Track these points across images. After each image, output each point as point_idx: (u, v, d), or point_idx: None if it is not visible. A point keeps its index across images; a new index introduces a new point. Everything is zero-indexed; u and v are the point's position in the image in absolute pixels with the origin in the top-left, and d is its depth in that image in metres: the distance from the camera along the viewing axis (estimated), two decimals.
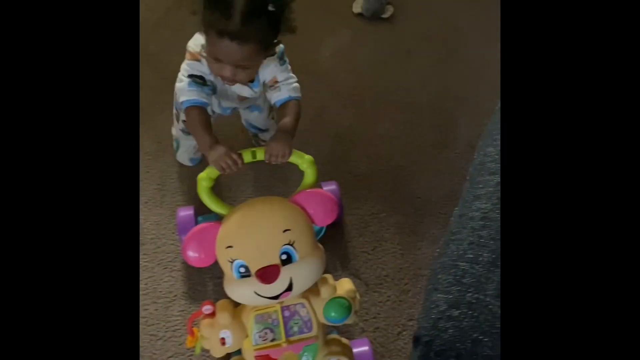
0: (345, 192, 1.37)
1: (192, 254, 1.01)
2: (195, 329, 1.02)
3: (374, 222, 1.38)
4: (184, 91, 1.09)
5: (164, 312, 1.20)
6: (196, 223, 1.24)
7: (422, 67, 1.80)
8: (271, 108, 1.34)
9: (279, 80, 1.13)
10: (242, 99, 1.21)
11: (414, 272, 1.29)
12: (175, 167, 1.45)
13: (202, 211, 1.18)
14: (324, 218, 1.04)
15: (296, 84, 1.15)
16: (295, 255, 0.99)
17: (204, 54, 1.07)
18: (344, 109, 1.64)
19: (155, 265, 1.27)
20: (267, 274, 0.97)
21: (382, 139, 1.57)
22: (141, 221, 1.35)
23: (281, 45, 1.11)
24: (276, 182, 1.42)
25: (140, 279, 1.25)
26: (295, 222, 1.01)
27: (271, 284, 0.97)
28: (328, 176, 1.36)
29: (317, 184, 1.15)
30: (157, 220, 1.35)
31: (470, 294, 0.70)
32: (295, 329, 1.02)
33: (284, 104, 1.15)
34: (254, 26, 0.96)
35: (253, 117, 1.36)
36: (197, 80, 1.09)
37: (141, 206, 1.38)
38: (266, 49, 1.05)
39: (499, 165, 0.81)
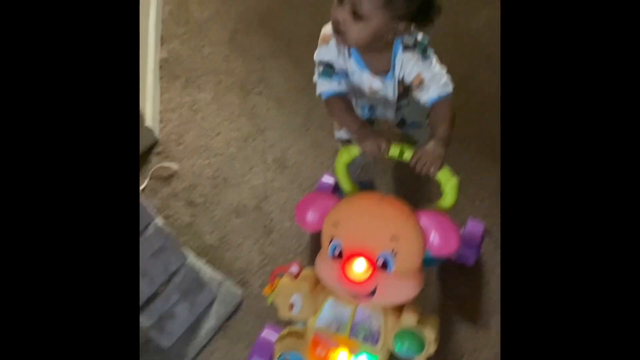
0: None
1: (302, 214, 1.01)
2: (276, 280, 1.02)
3: None
4: (317, 83, 1.06)
5: (296, 233, 1.31)
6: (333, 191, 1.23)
7: None
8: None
9: (425, 78, 1.01)
10: (373, 92, 1.10)
11: None
12: (323, 107, 1.55)
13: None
14: (438, 247, 0.95)
15: (445, 79, 1.02)
16: (392, 265, 0.93)
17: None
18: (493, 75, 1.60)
19: (295, 187, 1.42)
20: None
21: None
22: (285, 147, 1.44)
23: (425, 37, 1.01)
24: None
25: (280, 197, 1.38)
26: (407, 234, 0.93)
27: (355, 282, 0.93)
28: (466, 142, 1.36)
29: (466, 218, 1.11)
30: (300, 148, 1.47)
31: None
32: (361, 334, 0.98)
33: (435, 104, 1.03)
34: None
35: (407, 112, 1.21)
36: (326, 68, 1.04)
37: (287, 134, 1.49)
38: (393, 9, 0.93)
39: None
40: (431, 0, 0.95)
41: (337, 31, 0.96)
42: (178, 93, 1.58)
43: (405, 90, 1.10)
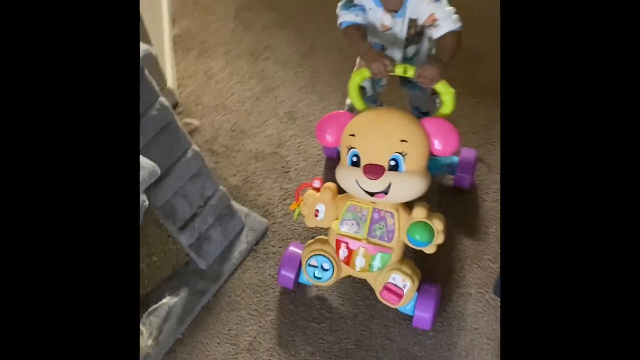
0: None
1: (322, 131, 1.17)
2: (301, 197, 1.17)
3: None
4: (339, 15, 1.19)
5: (311, 170, 1.48)
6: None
7: None
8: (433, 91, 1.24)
9: (438, 17, 1.14)
10: (386, 29, 1.22)
11: None
12: (326, 66, 1.67)
13: None
14: (442, 147, 1.10)
15: (455, 17, 1.15)
16: (403, 166, 1.08)
17: None
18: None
19: (306, 134, 1.57)
20: (372, 169, 1.08)
21: None
22: (295, 102, 1.59)
23: None
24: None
25: (294, 142, 1.53)
26: (414, 138, 1.09)
27: (372, 180, 1.08)
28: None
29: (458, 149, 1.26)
30: (308, 102, 1.62)
31: None
32: (378, 233, 1.13)
33: (445, 35, 1.15)
34: None
35: (414, 96, 1.37)
36: (347, 2, 1.18)
37: (295, 91, 1.63)
38: None
39: None
40: None
41: None
42: (192, 62, 1.73)
43: (416, 34, 1.23)
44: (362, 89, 1.24)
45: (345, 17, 1.18)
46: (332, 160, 1.44)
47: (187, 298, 1.24)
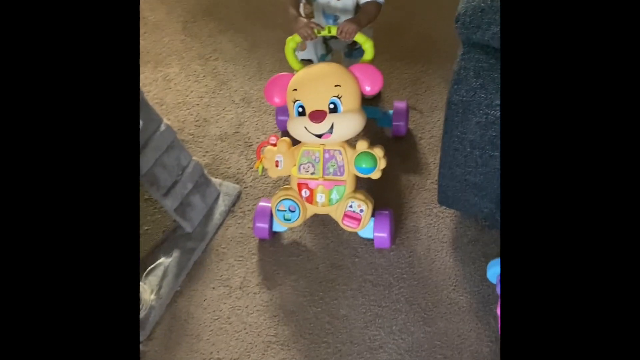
0: None
1: (270, 94, 1.37)
2: (262, 154, 1.35)
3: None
4: None
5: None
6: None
7: None
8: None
9: None
10: (336, 3, 1.42)
11: None
12: (270, 56, 1.86)
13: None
14: (369, 86, 1.31)
15: None
16: (340, 107, 1.28)
17: None
18: None
19: (262, 114, 1.74)
20: (315, 115, 1.28)
21: None
22: (247, 89, 1.80)
23: None
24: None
25: (252, 121, 1.72)
26: (346, 82, 1.29)
27: (317, 124, 1.27)
28: None
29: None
30: (259, 88, 1.81)
31: None
32: (331, 170, 1.33)
33: (367, 3, 1.38)
34: None
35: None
36: None
37: (246, 81, 1.84)
38: None
39: None
40: None
41: None
42: (151, 72, 1.93)
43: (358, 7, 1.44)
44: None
45: None
46: (286, 132, 1.64)
47: (179, 257, 1.41)
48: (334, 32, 1.36)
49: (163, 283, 1.37)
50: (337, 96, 1.28)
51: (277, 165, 1.35)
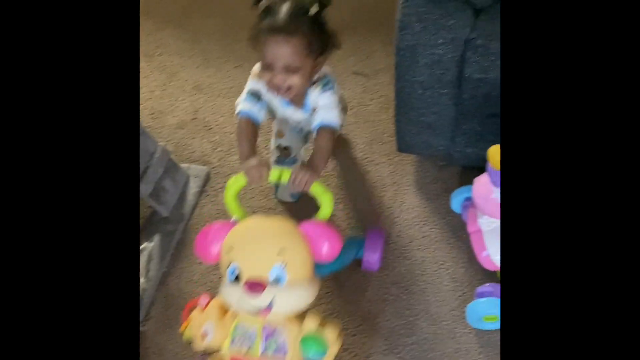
0: None
1: (201, 247, 1.09)
2: (190, 315, 1.07)
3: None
4: (240, 102, 1.21)
5: (230, 120, 1.72)
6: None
7: None
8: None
9: (320, 105, 1.17)
10: (298, 122, 1.30)
11: None
12: (214, 44, 1.93)
13: None
14: (324, 253, 1.05)
15: (335, 113, 1.17)
16: (285, 278, 1.00)
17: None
18: None
19: (215, 97, 1.78)
20: (252, 286, 0.99)
21: None
22: (197, 78, 1.84)
23: (331, 78, 1.19)
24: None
25: (207, 106, 1.77)
26: (294, 245, 1.03)
27: (253, 297, 0.99)
28: None
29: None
30: (208, 75, 1.88)
31: None
32: (271, 349, 1.04)
33: (317, 132, 1.17)
34: (299, 21, 1.08)
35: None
36: (254, 95, 1.20)
37: (193, 71, 1.89)
38: (312, 52, 1.11)
39: None
40: (331, 31, 1.15)
41: (282, 90, 1.13)
42: None
43: None
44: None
45: (247, 106, 1.20)
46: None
47: (161, 240, 1.45)
48: (285, 178, 1.12)
49: (150, 266, 1.40)
50: (281, 263, 1.01)
51: (204, 337, 1.06)
